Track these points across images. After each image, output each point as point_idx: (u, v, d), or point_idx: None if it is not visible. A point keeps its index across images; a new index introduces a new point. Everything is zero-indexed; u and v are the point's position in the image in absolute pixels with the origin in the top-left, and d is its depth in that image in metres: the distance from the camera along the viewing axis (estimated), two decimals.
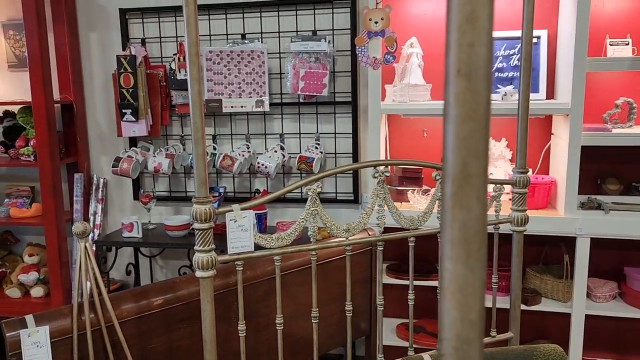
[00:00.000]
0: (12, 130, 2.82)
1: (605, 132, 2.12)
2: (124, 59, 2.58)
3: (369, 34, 2.19)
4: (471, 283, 0.39)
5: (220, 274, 1.76)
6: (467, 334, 0.40)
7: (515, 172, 1.69)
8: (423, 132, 2.56)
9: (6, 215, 2.82)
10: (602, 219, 2.14)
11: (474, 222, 0.38)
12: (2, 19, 2.89)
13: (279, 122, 2.69)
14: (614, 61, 2.09)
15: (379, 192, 1.48)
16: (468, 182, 0.38)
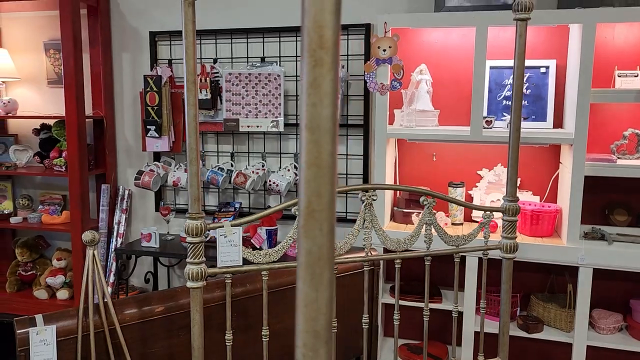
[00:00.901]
0: (48, 142, 3.02)
1: (609, 163, 2.12)
2: (150, 79, 2.75)
3: (377, 61, 2.27)
4: (315, 300, 0.47)
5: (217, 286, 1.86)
6: (313, 343, 0.47)
7: (506, 200, 1.72)
8: (432, 156, 2.61)
9: (39, 221, 3.01)
10: (605, 250, 2.13)
11: (318, 249, 0.46)
12: (44, 38, 3.12)
13: (293, 141, 2.79)
14: (619, 93, 2.10)
15: (366, 215, 1.55)
16: (312, 216, 0.46)
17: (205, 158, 2.92)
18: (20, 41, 3.15)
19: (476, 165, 2.54)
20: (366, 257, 1.58)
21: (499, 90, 2.39)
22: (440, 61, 2.49)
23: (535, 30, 2.36)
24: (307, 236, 0.46)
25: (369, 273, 2.31)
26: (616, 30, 2.28)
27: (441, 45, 2.49)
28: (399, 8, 2.57)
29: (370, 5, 2.61)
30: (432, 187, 2.57)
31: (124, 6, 2.97)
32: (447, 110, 2.49)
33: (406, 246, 1.61)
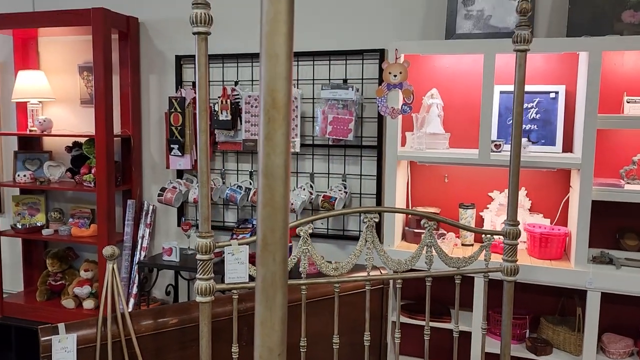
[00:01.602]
0: (79, 159, 3.19)
1: (616, 188, 2.15)
2: (174, 100, 2.89)
3: (388, 86, 2.35)
4: (269, 319, 0.55)
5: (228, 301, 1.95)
6: (267, 357, 0.56)
7: (507, 224, 1.77)
8: (444, 177, 2.66)
9: (68, 233, 3.17)
10: (612, 274, 2.15)
11: (271, 276, 0.55)
12: (79, 61, 3.30)
13: (309, 161, 2.88)
14: (626, 119, 2.13)
15: (367, 236, 1.62)
16: (266, 248, 0.55)
17: (226, 176, 3.04)
18: (56, 64, 3.35)
19: (487, 187, 2.58)
20: (367, 277, 1.65)
21: (509, 114, 2.44)
22: (451, 86, 2.55)
23: (545, 56, 2.41)
24: (262, 265, 0.55)
25: (377, 292, 2.38)
26: (625, 57, 2.31)
27: (452, 71, 2.55)
28: (412, 35, 2.66)
29: (384, 32, 2.70)
30: (443, 209, 2.63)
31: (151, 31, 3.14)
32: (458, 133, 2.55)
33: (407, 267, 1.67)
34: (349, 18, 2.76)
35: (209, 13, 1.46)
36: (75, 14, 2.91)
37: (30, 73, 3.21)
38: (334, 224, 2.88)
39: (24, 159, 3.36)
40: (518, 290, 2.50)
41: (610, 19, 2.26)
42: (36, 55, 3.38)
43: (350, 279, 1.67)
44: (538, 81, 2.44)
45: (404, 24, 2.67)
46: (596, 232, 2.39)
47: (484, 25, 2.40)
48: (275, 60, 0.53)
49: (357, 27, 2.76)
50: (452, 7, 2.46)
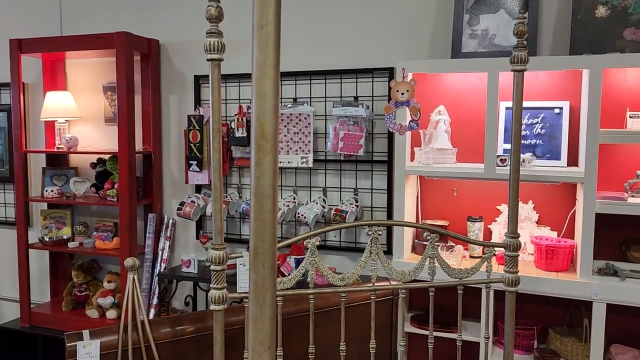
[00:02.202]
0: (103, 175, 3.34)
1: (619, 201, 2.20)
2: (193, 118, 3.03)
3: (396, 104, 2.45)
4: (260, 316, 0.65)
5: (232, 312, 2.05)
6: (259, 349, 0.65)
7: (507, 237, 1.84)
8: (453, 191, 2.73)
9: (93, 246, 3.32)
10: (617, 286, 2.19)
11: (261, 280, 0.65)
12: (103, 81, 3.47)
13: (322, 176, 2.98)
14: (628, 134, 2.18)
15: (372, 248, 1.71)
16: (257, 256, 0.64)
17: (242, 190, 3.16)
18: (82, 84, 3.52)
19: (495, 201, 2.64)
20: (372, 287, 1.74)
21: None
22: (458, 102, 2.63)
23: (549, 73, 2.47)
24: (254, 270, 0.65)
25: (387, 302, 2.45)
26: (628, 73, 2.37)
27: (459, 88, 2.64)
28: (420, 53, 2.75)
29: (393, 51, 2.80)
30: (452, 221, 2.70)
31: (172, 53, 3.29)
32: (465, 148, 2.62)
33: (410, 277, 1.75)
34: (360, 38, 2.87)
35: (221, 41, 1.58)
36: (100, 38, 3.08)
37: (58, 94, 3.39)
38: (346, 236, 2.96)
39: (52, 175, 3.53)
40: (526, 301, 2.55)
41: (612, 37, 2.32)
42: (64, 77, 3.56)
43: (356, 289, 1.75)
44: (543, 97, 2.51)
45: (412, 43, 2.77)
46: (602, 244, 2.43)
47: (488, 44, 2.49)
48: (264, 98, 0.64)
49: (367, 47, 2.86)
50: (457, 26, 2.55)
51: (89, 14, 3.48)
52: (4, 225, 3.83)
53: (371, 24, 2.85)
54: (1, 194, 3.84)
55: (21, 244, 3.33)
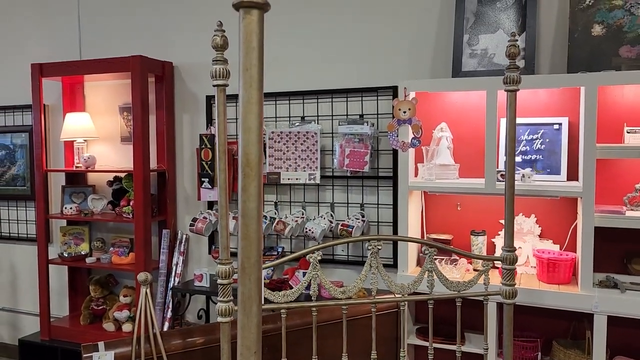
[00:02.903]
0: (119, 192, 3.47)
1: (618, 215, 2.24)
2: (205, 137, 3.14)
3: (398, 122, 2.53)
4: (247, 324, 0.73)
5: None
6: (247, 354, 0.74)
7: (504, 250, 1.90)
8: (457, 206, 2.79)
9: (109, 261, 3.43)
10: (617, 298, 2.23)
11: (248, 292, 0.73)
12: (119, 103, 3.62)
13: (330, 192, 3.07)
14: (624, 149, 2.24)
15: (372, 262, 1.78)
16: (244, 271, 0.73)
17: None
18: (99, 105, 3.67)
19: (498, 215, 2.70)
20: (373, 300, 1.81)
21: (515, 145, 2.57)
22: (460, 119, 2.71)
23: (548, 90, 2.54)
24: (241, 284, 0.73)
25: (392, 315, 2.51)
26: (625, 90, 2.43)
27: (461, 105, 2.71)
28: (423, 72, 2.84)
29: (397, 70, 2.89)
30: (456, 235, 2.76)
31: (184, 74, 3.42)
32: (468, 163, 2.69)
33: (410, 290, 1.82)
34: (365, 58, 2.97)
35: (226, 68, 1.68)
36: (117, 62, 3.22)
37: (76, 115, 3.54)
38: (353, 250, 3.04)
39: (71, 193, 3.66)
40: (530, 313, 2.60)
41: (609, 55, 2.38)
42: (82, 98, 3.71)
43: (356, 302, 1.82)
44: (542, 113, 2.57)
45: (416, 62, 2.86)
46: (603, 257, 2.47)
47: (488, 63, 2.56)
48: (249, 132, 0.73)
49: (372, 66, 2.96)
50: (457, 46, 2.63)
51: (107, 39, 3.64)
52: (26, 242, 3.98)
53: (376, 45, 2.95)
54: (23, 212, 3.99)
55: (42, 259, 3.46)
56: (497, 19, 2.58)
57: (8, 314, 4.13)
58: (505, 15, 2.57)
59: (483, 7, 2.61)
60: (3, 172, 3.98)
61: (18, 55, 3.92)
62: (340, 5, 3.02)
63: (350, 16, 3.00)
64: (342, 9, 3.01)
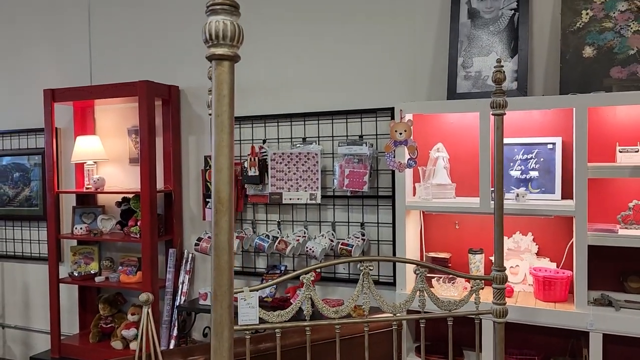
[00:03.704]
0: (127, 213, 3.57)
1: (610, 233, 2.27)
2: (209, 158, 3.23)
3: (395, 143, 2.59)
4: (219, 348, 0.80)
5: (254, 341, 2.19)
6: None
7: (494, 270, 1.94)
8: (455, 224, 2.84)
9: (117, 280, 3.52)
10: (612, 316, 2.25)
11: (219, 318, 0.80)
12: (128, 125, 3.73)
13: (331, 211, 3.13)
14: (616, 168, 2.28)
15: (363, 282, 1.84)
16: (217, 299, 0.80)
17: (256, 226, 3.33)
18: (109, 128, 3.79)
19: None
20: (365, 319, 1.86)
21: (510, 165, 2.62)
22: (456, 139, 2.76)
23: (542, 110, 2.59)
24: (214, 310, 0.80)
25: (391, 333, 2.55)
26: (618, 110, 2.47)
27: (457, 126, 2.77)
28: (420, 94, 2.91)
29: (396, 92, 2.96)
30: (454, 254, 2.80)
31: (190, 97, 3.53)
32: (465, 183, 2.74)
33: (401, 309, 1.87)
34: (364, 80, 3.05)
35: None
36: (124, 86, 3.34)
37: (86, 138, 3.65)
38: (355, 269, 3.09)
39: (81, 213, 3.77)
40: (529, 331, 2.62)
41: (600, 76, 2.43)
42: (93, 122, 3.83)
43: (349, 322, 1.88)
44: (537, 133, 2.62)
45: (413, 84, 2.93)
46: (600, 275, 2.50)
47: (482, 84, 2.63)
48: (221, 172, 0.80)
49: (371, 89, 3.04)
50: (452, 68, 2.70)
51: (116, 65, 3.76)
52: (39, 261, 4.09)
53: (375, 67, 3.03)
54: (35, 232, 4.10)
55: (52, 279, 3.55)
56: (490, 42, 2.65)
57: (21, 332, 4.23)
58: (498, 39, 2.63)
59: (476, 30, 2.68)
60: (17, 193, 4.11)
61: (33, 81, 4.07)
62: (341, 31, 3.11)
63: (350, 41, 3.09)
64: (342, 34, 3.10)
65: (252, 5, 3.34)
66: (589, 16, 2.49)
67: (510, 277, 2.68)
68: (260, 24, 3.32)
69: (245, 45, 3.36)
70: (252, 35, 3.34)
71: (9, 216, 4.13)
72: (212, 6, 0.77)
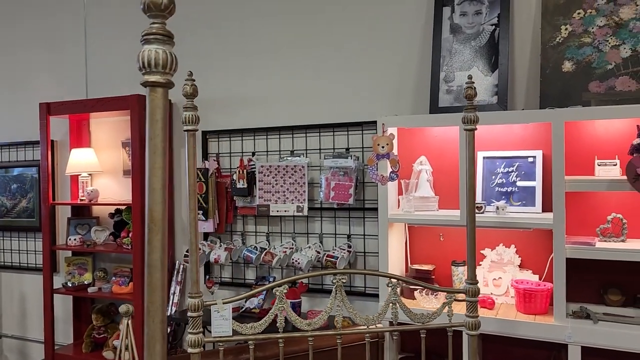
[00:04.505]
0: (120, 224, 3.62)
1: (588, 246, 2.29)
2: (199, 171, 3.28)
3: (377, 156, 2.62)
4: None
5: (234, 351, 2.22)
6: None
7: (466, 283, 1.97)
8: (440, 236, 2.86)
9: (110, 290, 3.56)
10: (590, 328, 2.26)
11: (151, 332, 0.83)
12: (122, 138, 3.79)
13: (319, 223, 3.16)
14: (592, 181, 2.29)
15: (337, 295, 1.86)
16: (149, 314, 0.83)
17: (246, 237, 3.36)
18: (104, 140, 3.86)
19: (480, 245, 2.75)
20: (338, 332, 1.88)
21: (492, 178, 2.64)
22: (440, 152, 2.79)
23: (524, 124, 2.61)
24: (146, 325, 0.84)
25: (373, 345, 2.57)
26: (597, 124, 2.49)
27: (440, 139, 2.80)
28: (405, 108, 2.94)
29: (381, 106, 3.00)
30: (438, 266, 2.82)
31: (182, 111, 3.58)
32: (448, 195, 2.76)
33: (374, 322, 1.89)
34: (351, 95, 3.09)
35: (196, 114, 1.82)
36: (118, 100, 3.40)
37: (81, 150, 3.72)
38: None
39: (76, 225, 3.83)
40: (512, 344, 2.63)
41: (578, 90, 2.46)
42: (88, 134, 3.90)
43: (321, 334, 1.90)
44: (518, 147, 2.64)
45: (398, 98, 2.97)
46: (581, 287, 2.51)
47: (463, 99, 2.65)
48: (154, 192, 0.84)
49: (358, 103, 3.08)
50: (435, 83, 2.74)
51: (112, 78, 3.84)
52: (35, 272, 4.14)
53: (362, 82, 3.07)
54: (32, 242, 4.16)
55: (46, 289, 3.61)
56: (472, 57, 2.68)
57: (17, 341, 4.28)
58: (479, 54, 2.67)
59: (458, 45, 2.72)
60: (14, 204, 4.18)
61: (30, 94, 4.15)
62: (329, 47, 3.16)
63: (338, 56, 3.13)
64: (330, 50, 3.15)
65: (241, 21, 3.40)
66: (568, 31, 2.52)
67: (493, 289, 2.70)
68: (251, 41, 3.38)
69: (236, 60, 3.42)
70: (242, 51, 3.40)
71: (7, 227, 4.20)
72: (146, 36, 0.81)
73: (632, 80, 2.38)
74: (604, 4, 2.47)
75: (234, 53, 3.44)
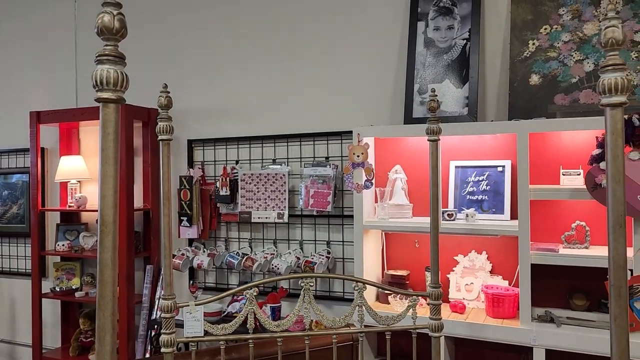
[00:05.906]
0: None
1: (551, 252, 2.38)
2: (184, 178, 3.37)
3: (353, 165, 2.72)
4: (102, 351, 0.92)
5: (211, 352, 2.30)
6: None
7: (430, 287, 2.05)
8: (415, 243, 2.95)
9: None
10: (554, 332, 2.34)
11: (102, 324, 0.92)
12: None
13: (299, 230, 3.25)
14: (556, 190, 2.39)
15: (305, 298, 1.95)
16: (100, 307, 0.92)
17: (229, 243, 3.45)
18: (93, 147, 3.95)
19: (453, 252, 2.84)
20: (306, 333, 1.97)
21: (464, 186, 2.74)
22: (415, 161, 2.89)
23: (494, 135, 2.71)
24: (98, 318, 0.92)
25: (348, 348, 2.65)
26: (563, 134, 2.59)
27: (415, 149, 2.90)
28: (382, 118, 3.04)
29: (359, 116, 3.10)
30: (413, 271, 2.91)
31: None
32: (422, 203, 2.86)
33: (341, 324, 1.98)
34: (331, 105, 3.19)
35: (170, 125, 1.91)
36: None
37: (71, 158, 3.81)
38: (321, 285, 3.20)
39: (65, 230, 3.91)
40: (484, 347, 2.71)
41: (545, 102, 2.56)
42: (77, 142, 3.99)
43: (291, 335, 1.98)
44: (488, 156, 2.74)
45: (376, 109, 3.07)
46: (547, 292, 2.59)
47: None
48: (105, 198, 0.93)
49: (337, 113, 3.18)
50: (409, 94, 2.84)
51: None
52: (24, 277, 4.22)
53: (341, 93, 3.17)
54: (22, 248, 4.24)
55: (35, 294, 3.68)
56: (444, 70, 2.78)
57: (7, 345, 4.35)
58: (451, 67, 2.77)
59: (432, 58, 2.82)
60: (5, 210, 4.26)
61: (21, 102, 4.25)
62: (309, 60, 3.26)
63: (319, 68, 3.24)
64: (311, 62, 3.26)
65: (226, 34, 3.51)
66: (535, 46, 2.62)
67: (465, 294, 2.78)
68: (235, 54, 3.48)
69: (221, 71, 3.52)
70: (227, 63, 3.50)
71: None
72: (99, 57, 0.90)
73: (595, 94, 2.48)
74: (569, 20, 2.58)
75: (219, 65, 3.54)
